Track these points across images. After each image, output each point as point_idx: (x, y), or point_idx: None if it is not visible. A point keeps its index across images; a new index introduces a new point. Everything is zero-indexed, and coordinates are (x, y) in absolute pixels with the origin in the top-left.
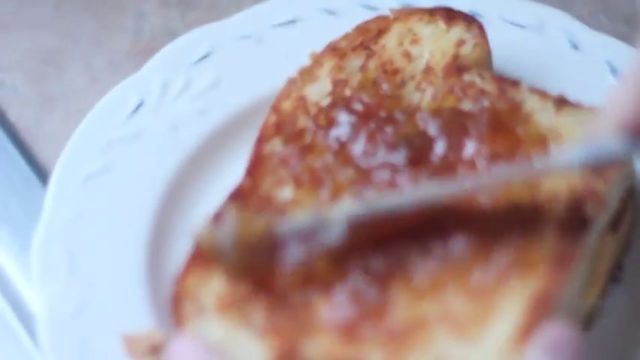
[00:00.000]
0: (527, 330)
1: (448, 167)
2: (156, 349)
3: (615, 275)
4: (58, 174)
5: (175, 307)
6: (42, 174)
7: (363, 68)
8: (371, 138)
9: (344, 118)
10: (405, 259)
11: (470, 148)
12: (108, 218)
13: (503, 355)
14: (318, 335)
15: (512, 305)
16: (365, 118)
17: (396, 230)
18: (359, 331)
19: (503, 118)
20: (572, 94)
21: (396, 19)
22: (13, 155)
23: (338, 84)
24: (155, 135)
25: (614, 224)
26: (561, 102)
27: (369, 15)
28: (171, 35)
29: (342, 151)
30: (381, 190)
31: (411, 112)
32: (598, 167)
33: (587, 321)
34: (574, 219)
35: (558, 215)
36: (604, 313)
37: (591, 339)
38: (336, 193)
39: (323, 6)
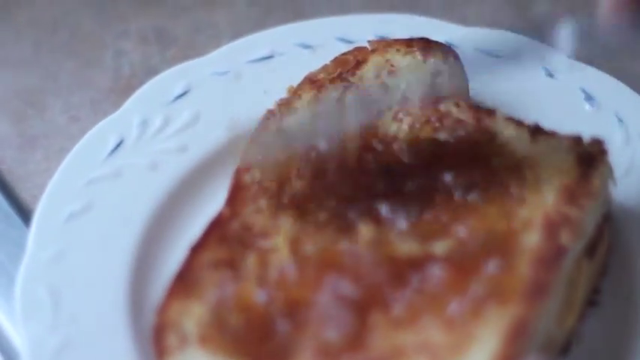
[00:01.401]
0: (504, 359)
1: (425, 196)
2: None
3: (593, 299)
4: (39, 213)
5: (157, 339)
6: (24, 213)
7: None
8: (350, 167)
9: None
10: (382, 289)
11: (446, 177)
12: (90, 256)
13: None
14: None
15: (488, 334)
16: (343, 147)
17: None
18: None
19: (479, 148)
20: (547, 122)
21: (374, 50)
22: None
23: None
24: (135, 173)
25: (591, 250)
26: (536, 130)
27: (344, 48)
28: (151, 72)
29: (321, 178)
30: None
31: (388, 142)
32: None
33: (565, 346)
34: (549, 247)
35: (533, 244)
36: (581, 338)
37: None
38: (317, 218)
39: (299, 40)
